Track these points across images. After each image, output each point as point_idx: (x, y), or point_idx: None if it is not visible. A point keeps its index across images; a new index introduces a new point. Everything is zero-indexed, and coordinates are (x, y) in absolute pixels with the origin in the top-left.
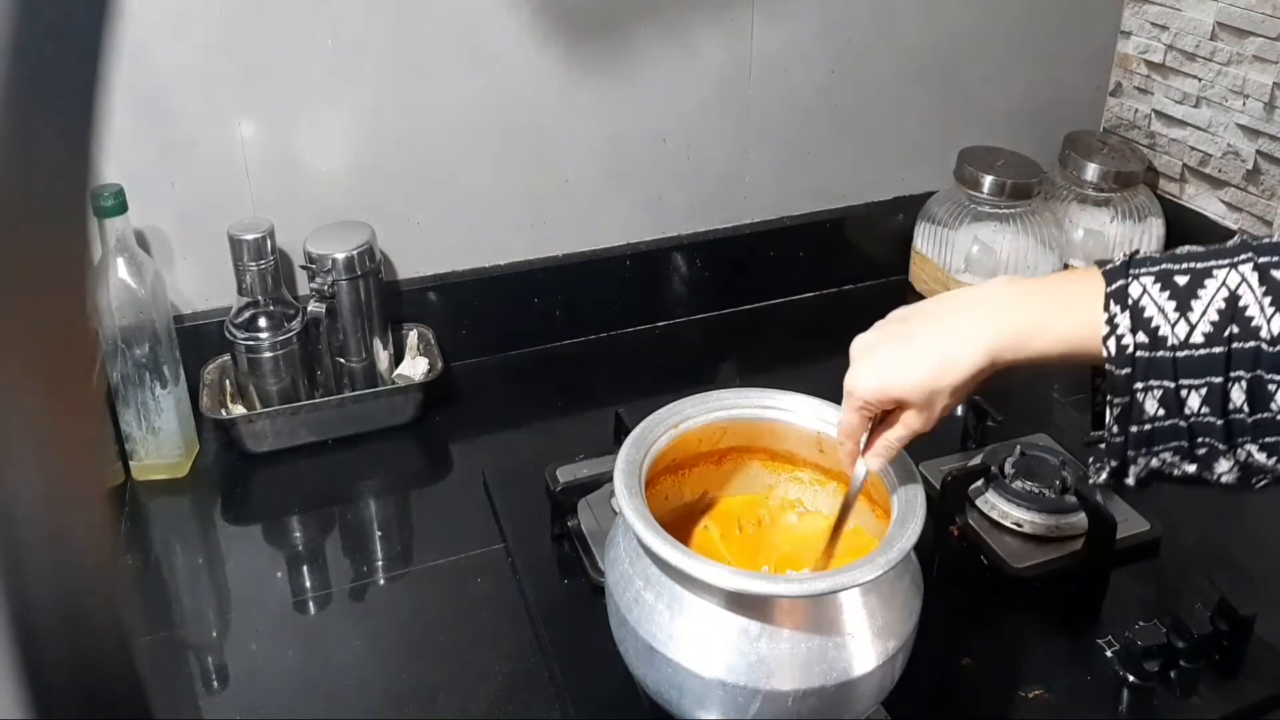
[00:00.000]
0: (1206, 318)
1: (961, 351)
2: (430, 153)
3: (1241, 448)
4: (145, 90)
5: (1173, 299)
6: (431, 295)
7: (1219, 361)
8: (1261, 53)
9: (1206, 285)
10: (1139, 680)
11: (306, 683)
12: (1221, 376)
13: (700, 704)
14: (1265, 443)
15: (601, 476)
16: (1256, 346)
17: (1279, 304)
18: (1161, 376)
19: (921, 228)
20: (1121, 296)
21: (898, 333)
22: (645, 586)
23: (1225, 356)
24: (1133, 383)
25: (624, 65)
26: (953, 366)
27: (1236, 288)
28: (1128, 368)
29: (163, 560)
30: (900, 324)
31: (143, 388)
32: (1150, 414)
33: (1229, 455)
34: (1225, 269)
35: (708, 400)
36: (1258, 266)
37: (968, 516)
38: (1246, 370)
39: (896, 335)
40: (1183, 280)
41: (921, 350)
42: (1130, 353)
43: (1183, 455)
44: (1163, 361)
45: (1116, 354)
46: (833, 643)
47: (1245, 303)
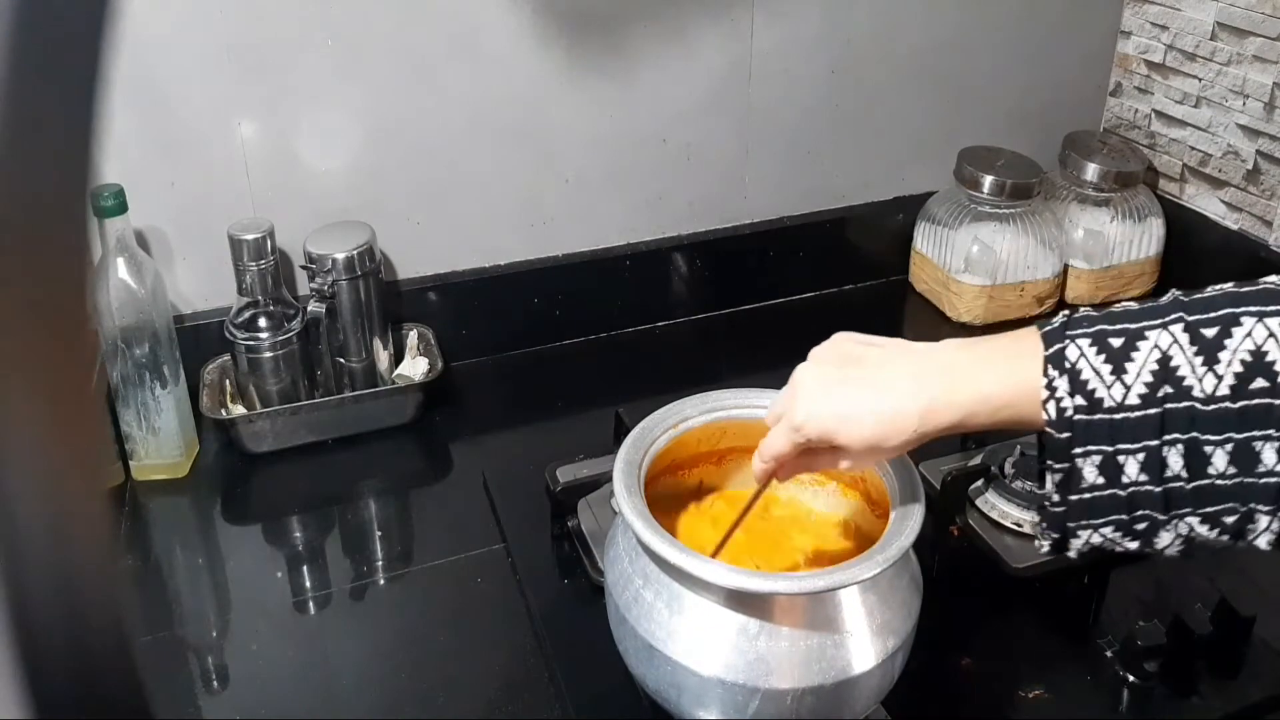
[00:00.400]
0: (1141, 379)
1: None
2: (430, 153)
3: (1182, 520)
4: (145, 90)
5: (1108, 361)
6: (431, 295)
7: (1154, 423)
8: (1261, 53)
9: (1139, 347)
10: (1139, 680)
11: (306, 683)
12: (1156, 440)
13: (699, 702)
14: (1205, 513)
15: (601, 476)
16: (1190, 406)
17: (1210, 363)
18: (1099, 441)
19: (921, 228)
20: (1059, 360)
21: (855, 379)
22: (644, 585)
23: (1159, 418)
24: (1072, 447)
25: (624, 65)
26: (902, 429)
27: (1168, 348)
28: (1067, 432)
29: (163, 560)
30: (855, 367)
31: (143, 388)
32: (1090, 482)
33: (1169, 527)
34: (1157, 329)
35: (707, 400)
36: (1188, 326)
37: (968, 516)
38: (1181, 432)
39: (851, 380)
40: (1117, 342)
41: (877, 407)
42: (1069, 416)
43: (1123, 530)
44: (1099, 425)
45: (1056, 418)
46: (832, 641)
47: (1177, 363)
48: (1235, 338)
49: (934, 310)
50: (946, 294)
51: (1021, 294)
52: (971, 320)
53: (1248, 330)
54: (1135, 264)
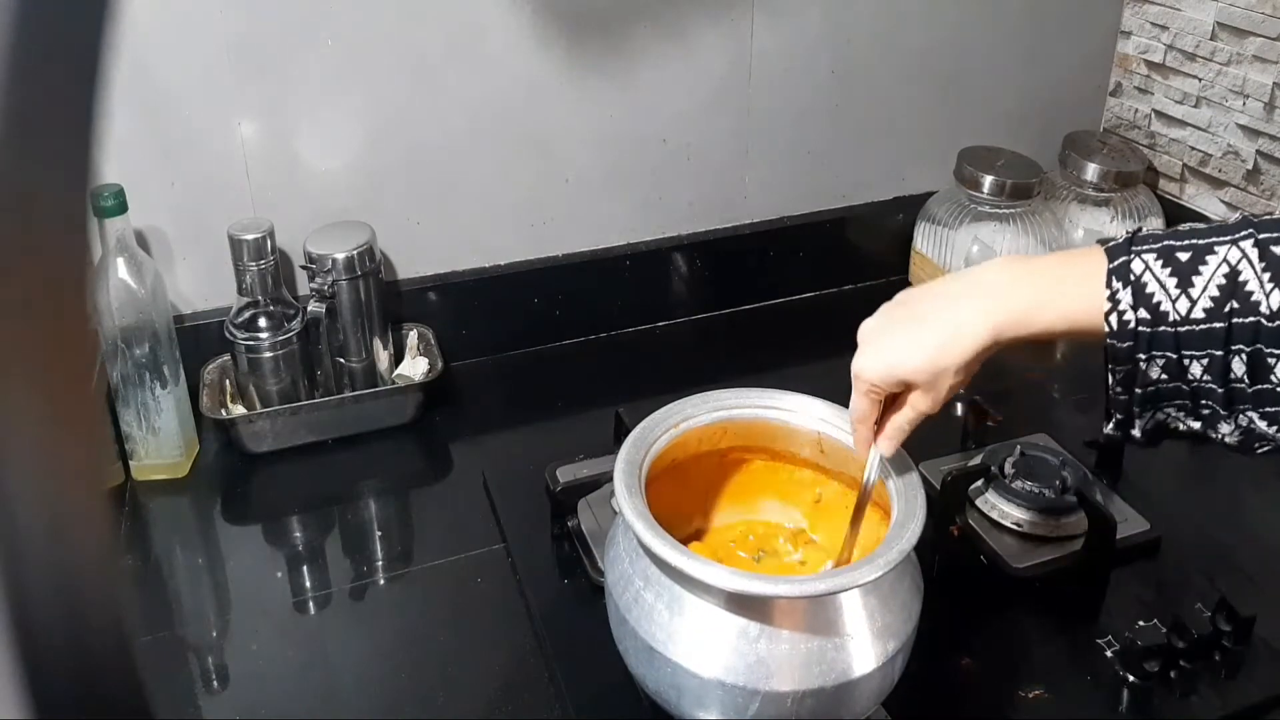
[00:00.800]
0: (1207, 293)
1: (964, 331)
2: (430, 153)
3: (1243, 414)
4: (145, 90)
5: (1174, 275)
6: (431, 295)
7: (1219, 336)
8: (1261, 53)
9: (1208, 261)
10: (1139, 680)
11: (306, 683)
12: (1222, 350)
13: (699, 704)
14: (1266, 412)
15: (601, 476)
16: (1256, 321)
17: (1278, 280)
18: (1164, 349)
19: (921, 228)
20: (1124, 273)
21: (902, 315)
22: (645, 586)
23: (1226, 331)
24: (1135, 353)
25: (624, 65)
26: (956, 345)
27: (1237, 263)
28: (1129, 341)
29: (163, 560)
30: (904, 307)
31: (143, 388)
32: (1154, 378)
33: (1230, 419)
34: (1226, 245)
35: (708, 400)
36: (1258, 243)
37: (968, 516)
38: (1246, 344)
39: (900, 318)
40: (1184, 256)
41: (925, 332)
42: (1132, 328)
43: (1187, 412)
44: (1164, 336)
45: (1118, 329)
46: (832, 644)
47: (1245, 278)
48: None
49: None
50: None
51: None
52: None
53: None
54: None
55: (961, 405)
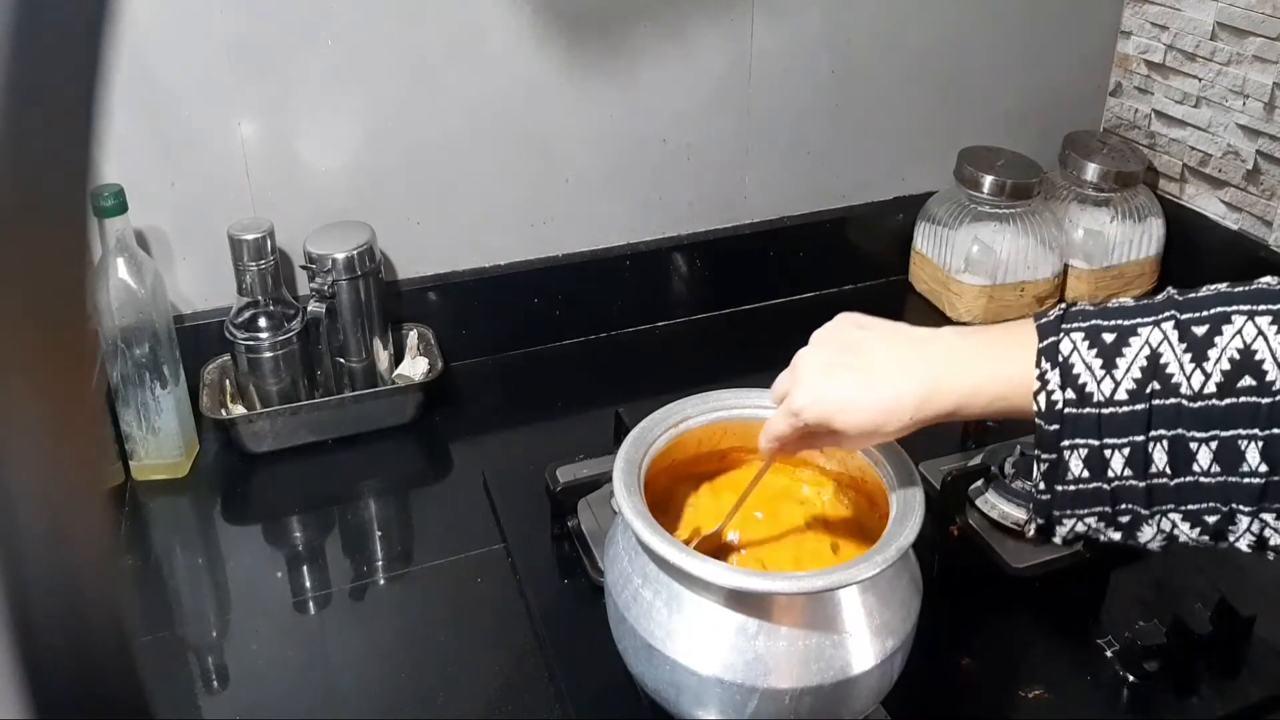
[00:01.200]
0: (1130, 375)
1: (906, 404)
2: (430, 152)
3: (1165, 516)
4: (145, 90)
5: (1099, 356)
6: (431, 295)
7: (1141, 419)
8: (1261, 53)
9: (1131, 343)
10: (1139, 680)
11: (306, 683)
12: (1143, 435)
13: (698, 702)
14: (1188, 511)
15: (601, 476)
16: (1177, 403)
17: (1199, 360)
18: (1087, 435)
19: (921, 228)
20: (1052, 353)
21: (854, 366)
22: (643, 584)
23: (1147, 413)
24: (1060, 439)
25: (624, 65)
26: (896, 418)
27: (1158, 345)
28: (1056, 424)
29: (163, 560)
30: (851, 354)
31: (143, 388)
32: (1075, 474)
33: (1151, 522)
34: (1149, 326)
35: (708, 400)
36: (1178, 324)
37: (968, 516)
38: (1167, 429)
39: (850, 366)
40: (1110, 338)
41: (872, 393)
42: (1059, 409)
43: (1106, 521)
44: (1088, 419)
45: (1046, 409)
46: (830, 641)
47: (1166, 360)
48: (1225, 335)
49: (934, 310)
50: (946, 294)
51: (1021, 294)
52: (971, 320)
53: (1238, 328)
54: (1135, 264)
55: None
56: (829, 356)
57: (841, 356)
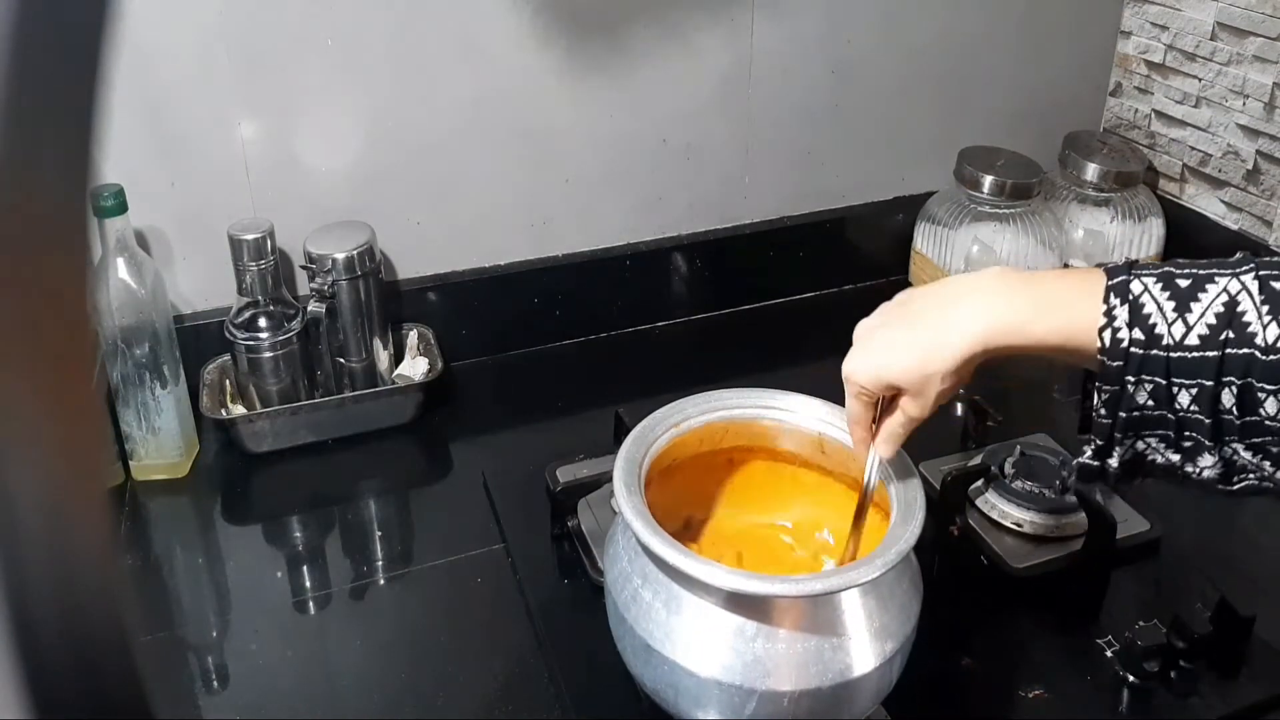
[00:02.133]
0: (1204, 320)
1: (953, 337)
2: (430, 153)
3: (1228, 445)
4: (145, 90)
5: (1173, 299)
6: (431, 295)
7: (1212, 365)
8: (1261, 53)
9: (1207, 290)
10: (1139, 680)
11: (306, 683)
12: (1213, 380)
13: (696, 703)
14: (1252, 443)
15: (601, 476)
16: (1250, 354)
17: (1276, 315)
18: (1154, 373)
19: (921, 228)
20: (1123, 291)
21: (895, 318)
22: (643, 584)
23: (1219, 360)
24: (1124, 375)
25: (624, 65)
26: (945, 350)
27: (1236, 294)
28: (1120, 361)
29: (163, 560)
30: (901, 307)
31: (143, 388)
32: (1140, 403)
33: (1214, 451)
34: (1227, 276)
35: (709, 400)
36: (1259, 277)
37: (968, 516)
38: (1238, 376)
39: (893, 321)
40: (1184, 283)
41: (915, 336)
42: (1124, 347)
43: (1168, 444)
44: (1156, 360)
45: (1111, 346)
46: (829, 644)
47: (1244, 309)
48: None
49: None
50: None
51: None
52: None
53: None
54: None
55: (961, 405)
56: (877, 320)
57: (889, 314)
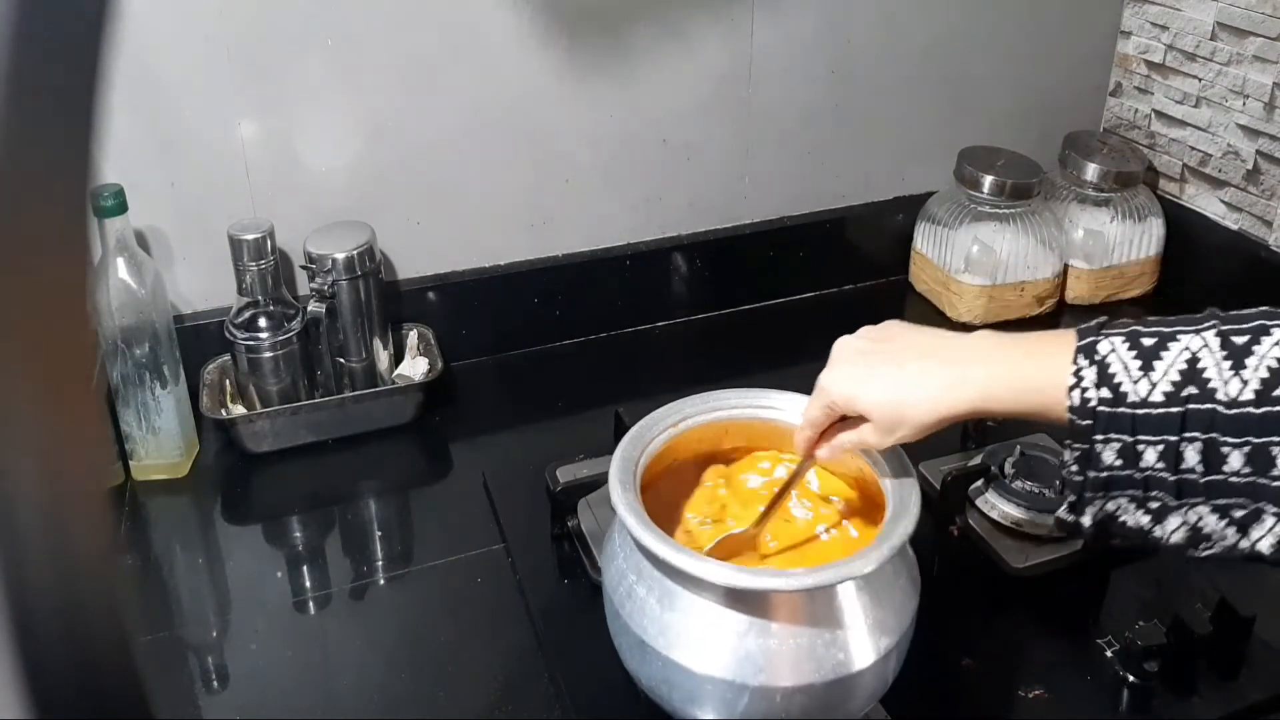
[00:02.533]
0: (1167, 378)
1: (939, 395)
2: (430, 152)
3: (1192, 508)
4: (145, 90)
5: (1139, 358)
6: (431, 295)
7: (1175, 421)
8: (1261, 53)
9: (1170, 348)
10: (1139, 680)
11: (306, 683)
12: (1176, 436)
13: (691, 700)
14: (1217, 505)
15: (601, 477)
16: (1212, 409)
17: (1237, 369)
18: (1120, 431)
19: (921, 228)
20: (1090, 351)
21: (885, 352)
22: (638, 581)
23: (1181, 416)
24: (1093, 434)
25: (624, 65)
26: (925, 405)
27: (1198, 350)
28: (1089, 420)
29: (163, 560)
30: (887, 344)
31: (143, 388)
32: (1108, 463)
33: (1179, 513)
34: (1190, 334)
35: (708, 400)
36: (1220, 332)
37: (968, 516)
38: (1201, 432)
39: (883, 354)
40: (1149, 341)
41: (902, 380)
42: (1092, 406)
43: (1137, 504)
44: (1122, 418)
45: (1080, 405)
46: (823, 640)
47: (1204, 365)
48: (1264, 345)
49: (934, 310)
50: (946, 294)
51: (1021, 294)
52: (971, 320)
53: (1277, 339)
54: (1135, 264)
55: None
56: (864, 344)
57: (876, 345)
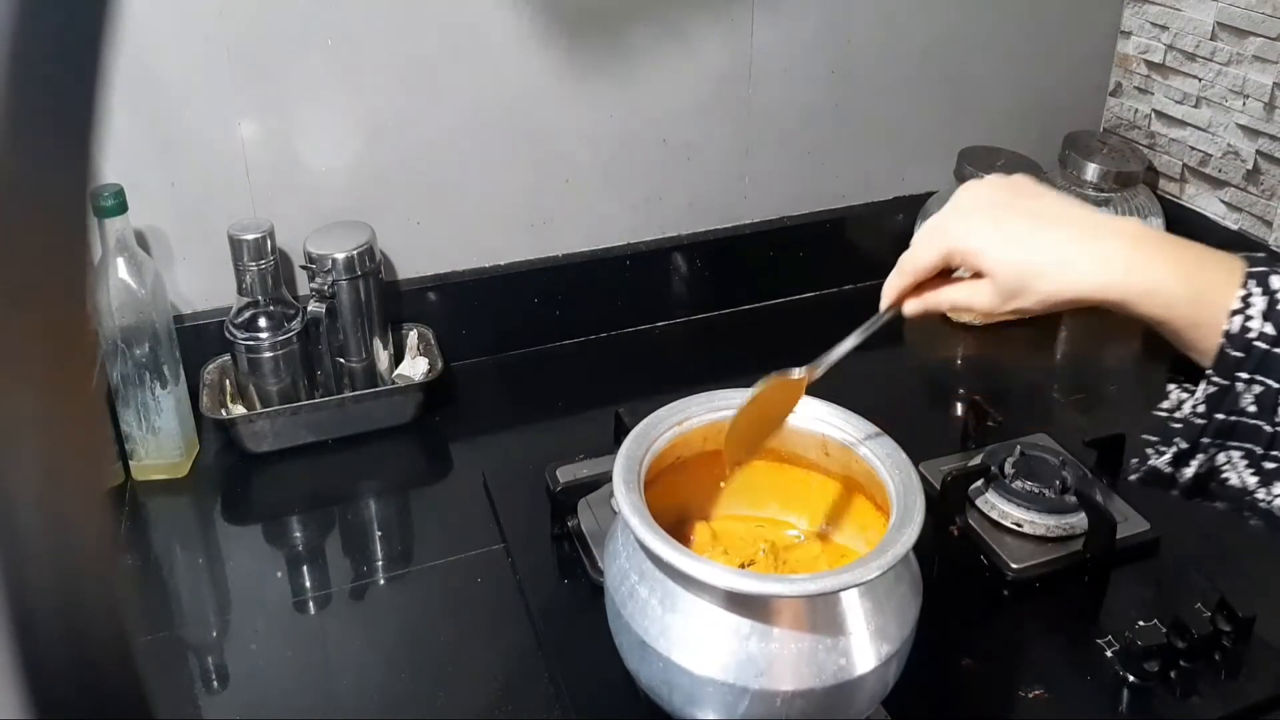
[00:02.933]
0: None
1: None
2: (430, 152)
3: None
4: (145, 90)
5: None
6: (431, 295)
7: None
8: (1261, 53)
9: None
10: (1139, 680)
11: (306, 683)
12: None
13: (691, 701)
14: None
15: (601, 477)
16: None
17: None
18: (1270, 375)
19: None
20: (1263, 280)
21: (1026, 209)
22: (640, 581)
23: None
24: (1239, 369)
25: (624, 65)
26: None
27: None
28: (1241, 353)
29: (163, 560)
30: (1031, 200)
31: (143, 388)
32: (1240, 407)
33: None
34: None
35: (712, 399)
36: None
37: (968, 516)
38: None
39: (1023, 211)
40: None
41: (1039, 243)
42: (1251, 339)
43: (1251, 462)
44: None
45: (1238, 333)
46: (824, 644)
47: None
48: None
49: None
50: None
51: None
52: (971, 320)
53: None
54: None
55: (961, 405)
56: (999, 195)
57: (1014, 198)
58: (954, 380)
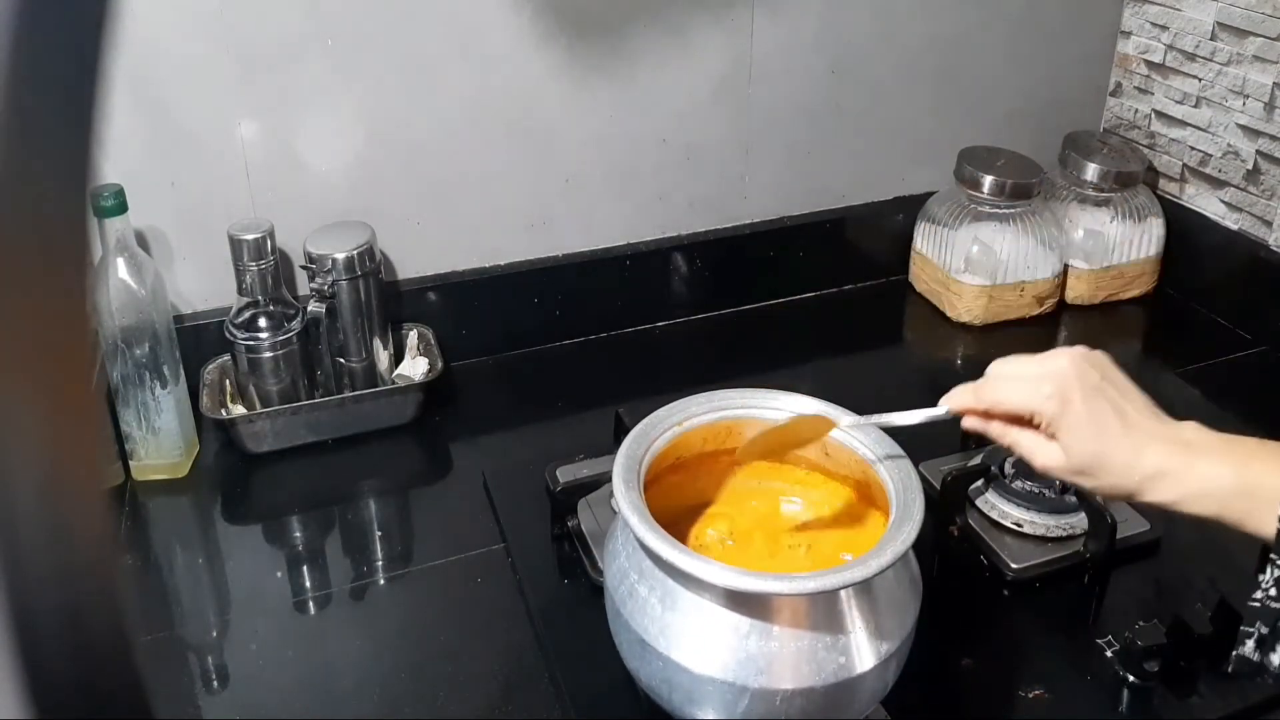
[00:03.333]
0: None
1: (1148, 463)
2: (430, 152)
3: None
4: (145, 90)
5: None
6: (431, 295)
7: None
8: (1261, 53)
9: None
10: (1139, 680)
11: (306, 683)
12: None
13: (690, 699)
14: None
15: (601, 476)
16: None
17: None
18: None
19: (921, 228)
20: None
21: (1114, 400)
22: (639, 580)
23: None
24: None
25: (624, 65)
26: (1125, 468)
27: None
28: None
29: (163, 560)
30: (1115, 388)
31: (143, 388)
32: None
33: None
34: None
35: (713, 399)
36: None
37: (968, 516)
38: None
39: (1112, 401)
40: None
41: (1122, 446)
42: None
43: None
44: None
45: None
46: (823, 643)
47: None
48: None
49: (934, 310)
50: (946, 294)
51: (1021, 294)
52: (971, 320)
53: None
54: (1135, 264)
55: None
56: (1091, 377)
57: (1108, 384)
58: (954, 380)
